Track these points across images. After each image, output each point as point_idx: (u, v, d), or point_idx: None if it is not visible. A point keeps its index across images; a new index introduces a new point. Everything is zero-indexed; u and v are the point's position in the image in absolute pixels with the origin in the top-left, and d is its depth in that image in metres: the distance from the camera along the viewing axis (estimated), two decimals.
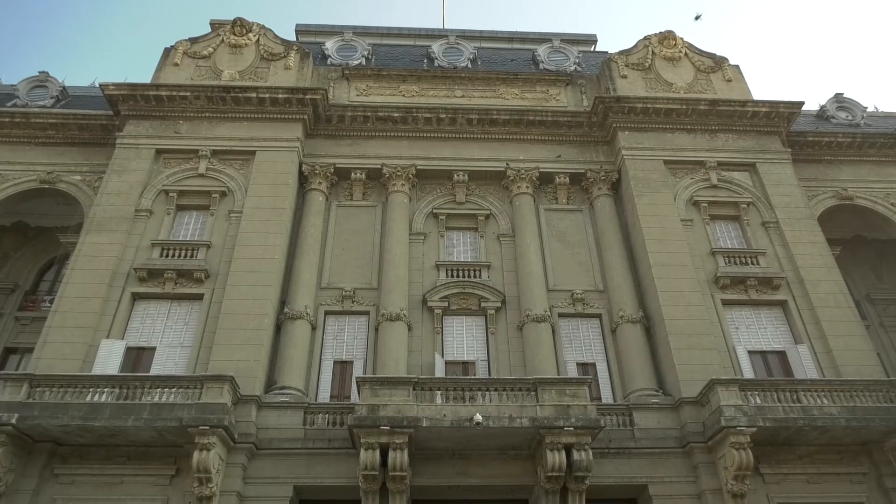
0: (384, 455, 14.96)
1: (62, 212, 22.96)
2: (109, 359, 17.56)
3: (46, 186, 22.23)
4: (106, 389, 15.75)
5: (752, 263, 20.57)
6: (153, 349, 18.29)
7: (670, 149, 22.92)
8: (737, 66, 25.83)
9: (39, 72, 25.85)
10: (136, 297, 19.04)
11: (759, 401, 16.43)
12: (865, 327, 20.39)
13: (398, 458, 14.89)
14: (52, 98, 24.92)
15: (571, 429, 15.14)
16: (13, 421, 14.76)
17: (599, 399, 18.32)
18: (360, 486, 15.32)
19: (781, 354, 19.29)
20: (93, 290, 18.43)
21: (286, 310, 19.00)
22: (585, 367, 19.20)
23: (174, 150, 21.90)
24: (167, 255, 19.57)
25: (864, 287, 25.08)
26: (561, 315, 19.96)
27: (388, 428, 14.90)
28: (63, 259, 22.98)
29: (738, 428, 15.46)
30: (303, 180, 22.27)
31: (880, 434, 16.29)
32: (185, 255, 19.59)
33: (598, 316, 20.18)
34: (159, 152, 21.80)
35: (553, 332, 19.29)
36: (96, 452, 15.77)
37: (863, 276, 25.34)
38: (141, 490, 15.64)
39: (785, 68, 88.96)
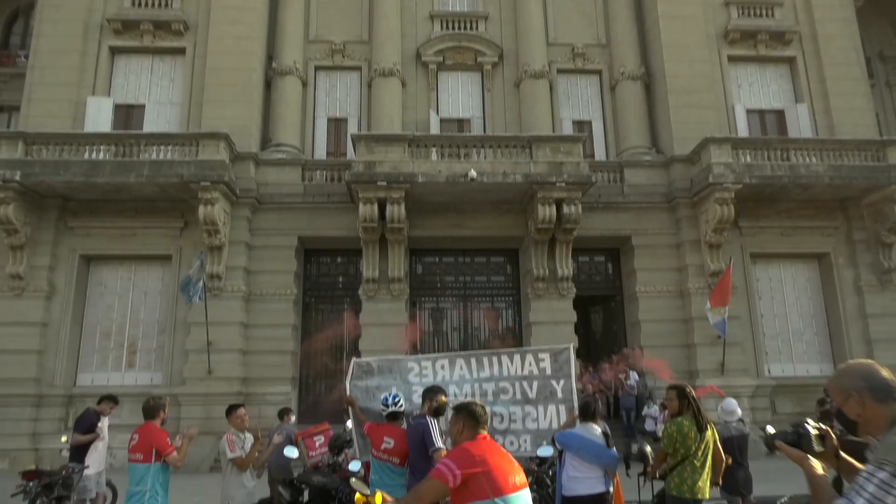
0: (382, 208, 15.59)
1: None
2: (99, 116, 17.30)
3: None
4: (102, 147, 15.79)
5: (767, 16, 19.30)
6: (142, 107, 17.95)
7: None
8: None
9: None
10: (115, 51, 18.09)
11: (749, 159, 16.70)
12: (871, 86, 19.93)
13: (395, 211, 15.54)
14: None
15: (563, 185, 15.56)
16: (17, 178, 15.02)
17: (593, 156, 18.57)
18: (360, 237, 16.26)
19: (780, 114, 19.14)
20: (68, 44, 17.45)
21: (274, 65, 18.23)
22: (581, 124, 19.09)
23: None
24: (140, 5, 18.10)
25: (878, 44, 23.89)
26: (560, 71, 19.26)
27: (384, 184, 15.30)
28: (28, 9, 21.39)
29: (725, 185, 15.94)
30: None
31: (860, 191, 16.88)
32: (159, 4, 18.12)
33: (599, 72, 19.49)
34: None
35: (551, 88, 18.80)
36: (104, 207, 16.37)
37: (881, 31, 23.97)
38: (154, 241, 16.62)
39: None
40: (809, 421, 2.35)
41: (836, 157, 16.71)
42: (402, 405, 5.75)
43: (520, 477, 3.24)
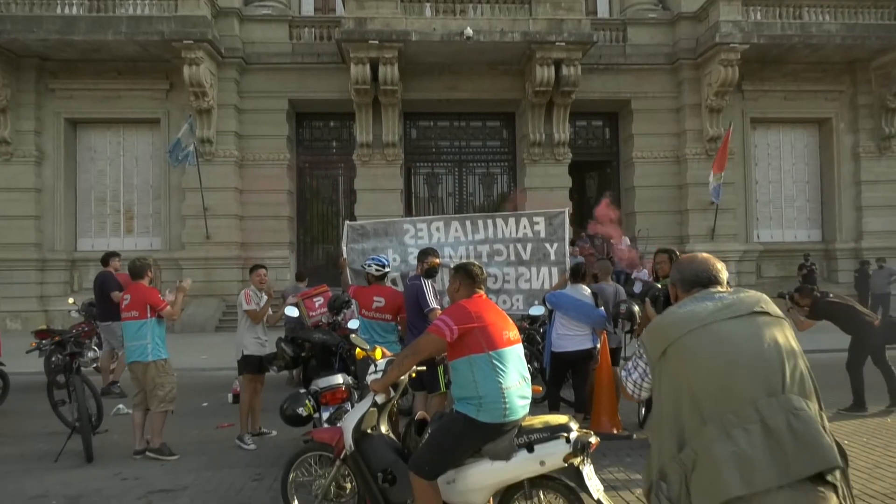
0: (374, 69, 14.98)
1: None
2: None
3: None
4: (75, 1, 14.86)
5: None
6: None
7: None
8: None
9: None
10: None
11: (759, 17, 15.90)
12: None
13: (388, 72, 14.95)
14: None
15: (563, 44, 14.86)
16: None
17: (595, 13, 17.65)
18: (352, 100, 15.78)
19: None
20: None
21: None
22: None
23: None
24: None
25: None
26: None
27: (376, 42, 14.58)
28: None
29: (731, 45, 15.28)
30: None
31: (871, 52, 16.25)
32: None
33: None
34: None
35: None
36: (85, 68, 15.71)
37: None
38: (140, 104, 16.13)
39: None
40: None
41: (851, 16, 15.92)
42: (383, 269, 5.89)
43: (513, 333, 3.40)
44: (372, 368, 3.80)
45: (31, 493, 4.78)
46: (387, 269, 5.79)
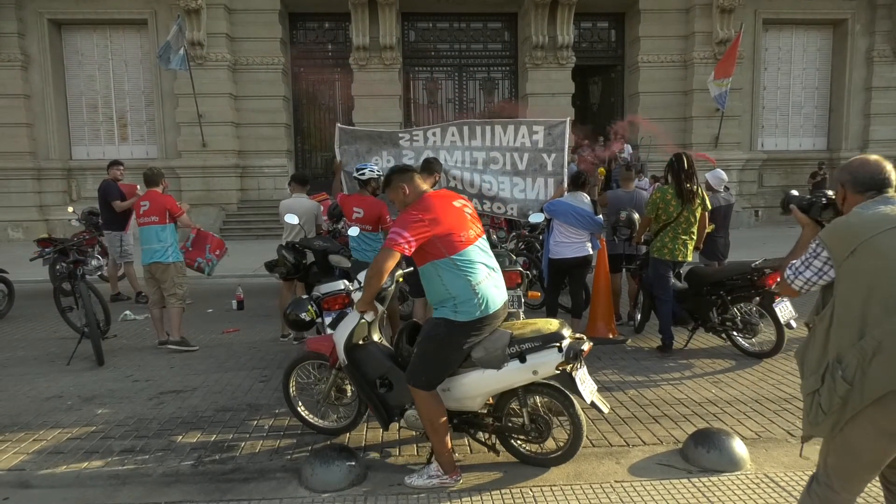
0: None
1: None
2: None
3: None
4: None
5: None
6: None
7: None
8: None
9: None
10: None
11: None
12: None
13: None
14: None
15: None
16: None
17: None
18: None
19: None
20: None
21: None
22: None
23: None
24: None
25: None
26: None
27: None
28: None
29: None
30: None
31: None
32: None
33: None
34: None
35: None
36: None
37: None
38: (125, 4, 15.49)
39: None
40: (828, 193, 2.48)
41: None
42: (365, 174, 5.78)
43: (473, 230, 3.26)
44: (356, 284, 3.80)
45: (47, 394, 4.97)
46: (374, 175, 5.71)
